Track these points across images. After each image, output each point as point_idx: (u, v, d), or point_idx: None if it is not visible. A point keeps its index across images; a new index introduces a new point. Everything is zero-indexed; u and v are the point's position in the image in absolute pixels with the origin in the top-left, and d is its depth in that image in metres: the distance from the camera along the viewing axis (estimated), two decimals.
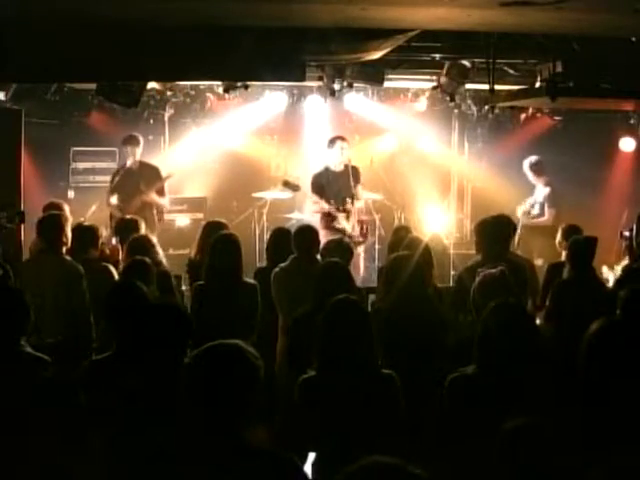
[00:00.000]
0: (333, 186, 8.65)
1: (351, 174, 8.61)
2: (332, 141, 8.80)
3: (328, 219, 8.61)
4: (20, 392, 3.22)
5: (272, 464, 2.58)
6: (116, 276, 5.78)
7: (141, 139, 8.94)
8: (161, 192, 8.78)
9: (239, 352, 2.64)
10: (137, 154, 8.80)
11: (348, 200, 8.57)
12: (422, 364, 4.35)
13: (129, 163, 8.76)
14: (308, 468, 3.39)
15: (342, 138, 8.83)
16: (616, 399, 2.93)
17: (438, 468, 2.71)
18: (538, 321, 5.19)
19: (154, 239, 6.17)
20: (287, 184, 9.01)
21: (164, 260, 6.12)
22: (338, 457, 3.32)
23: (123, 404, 3.26)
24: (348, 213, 8.59)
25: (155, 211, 8.67)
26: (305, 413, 3.68)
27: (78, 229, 6.07)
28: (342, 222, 8.54)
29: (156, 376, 3.31)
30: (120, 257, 6.25)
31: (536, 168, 9.23)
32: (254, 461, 2.55)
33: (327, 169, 8.74)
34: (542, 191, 9.11)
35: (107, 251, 6.41)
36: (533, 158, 9.33)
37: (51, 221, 5.76)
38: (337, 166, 8.69)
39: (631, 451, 2.75)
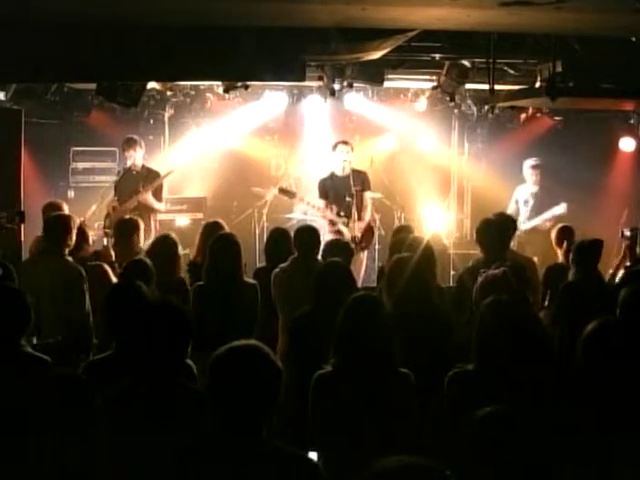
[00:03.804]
0: (336, 192, 8.58)
1: (353, 179, 8.54)
2: (335, 145, 8.76)
3: (332, 224, 8.55)
4: (20, 392, 3.21)
5: (292, 464, 2.61)
6: (112, 276, 5.78)
7: (142, 142, 8.87)
8: (158, 196, 8.65)
9: (262, 352, 2.66)
10: (138, 158, 8.75)
11: (348, 200, 8.55)
12: (425, 364, 4.33)
13: (129, 163, 8.75)
14: None
15: (344, 142, 8.78)
16: (613, 397, 2.93)
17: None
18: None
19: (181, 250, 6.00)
20: (283, 191, 8.98)
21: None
22: (348, 455, 3.33)
23: (123, 404, 3.26)
24: (348, 219, 8.53)
25: (151, 214, 8.55)
26: (317, 409, 3.66)
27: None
28: (341, 228, 8.49)
29: (156, 376, 3.31)
30: (113, 258, 6.25)
31: (535, 168, 9.33)
32: (275, 460, 2.57)
33: (332, 174, 8.67)
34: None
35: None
36: (533, 159, 9.43)
37: (60, 222, 5.74)
38: (341, 171, 8.63)
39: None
